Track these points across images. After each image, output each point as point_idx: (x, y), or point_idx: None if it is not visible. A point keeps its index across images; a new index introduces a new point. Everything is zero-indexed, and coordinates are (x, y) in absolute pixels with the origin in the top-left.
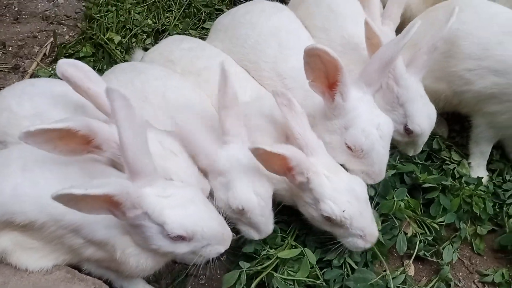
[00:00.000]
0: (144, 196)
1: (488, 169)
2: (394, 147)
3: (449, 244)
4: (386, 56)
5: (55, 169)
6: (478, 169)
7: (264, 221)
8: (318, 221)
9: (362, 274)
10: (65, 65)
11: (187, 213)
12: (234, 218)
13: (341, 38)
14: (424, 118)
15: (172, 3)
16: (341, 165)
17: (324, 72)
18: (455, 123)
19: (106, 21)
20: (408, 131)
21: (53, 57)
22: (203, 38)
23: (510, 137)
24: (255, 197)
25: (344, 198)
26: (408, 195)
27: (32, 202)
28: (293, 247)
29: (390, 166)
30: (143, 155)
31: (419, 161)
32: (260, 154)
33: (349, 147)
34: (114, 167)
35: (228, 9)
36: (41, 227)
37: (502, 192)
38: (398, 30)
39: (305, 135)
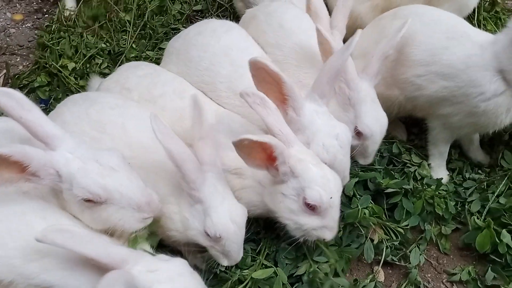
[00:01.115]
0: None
1: (448, 169)
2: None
3: (415, 246)
4: (334, 67)
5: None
6: (439, 169)
7: (237, 249)
8: (296, 214)
9: (333, 285)
10: None
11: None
12: (207, 245)
13: (295, 54)
14: (373, 120)
15: (127, 23)
16: None
17: (274, 85)
18: (413, 126)
19: (59, 48)
20: (358, 134)
21: None
22: (160, 58)
23: (465, 137)
24: (232, 225)
25: (332, 186)
26: (372, 201)
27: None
28: (264, 266)
29: (352, 175)
30: None
31: (380, 167)
32: (244, 146)
33: None
34: (56, 196)
35: (184, 27)
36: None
37: (463, 190)
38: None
39: (284, 130)
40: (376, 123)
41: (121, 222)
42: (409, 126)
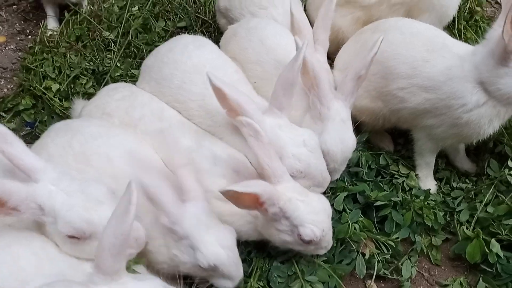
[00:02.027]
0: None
1: (436, 178)
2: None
3: (407, 259)
4: (287, 79)
5: None
6: (426, 179)
7: (235, 269)
8: (292, 244)
9: None
10: None
11: None
12: (205, 275)
13: (275, 70)
14: (335, 139)
15: (110, 42)
16: None
17: (234, 106)
18: (399, 136)
19: (42, 69)
20: None
21: None
22: None
23: (451, 146)
24: (223, 250)
25: (321, 217)
26: (362, 215)
27: None
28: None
29: (341, 189)
30: None
31: (368, 179)
32: (230, 195)
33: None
34: (38, 228)
35: None
36: None
37: (451, 200)
38: (334, 54)
39: (272, 165)
40: (337, 142)
41: None
42: (396, 137)
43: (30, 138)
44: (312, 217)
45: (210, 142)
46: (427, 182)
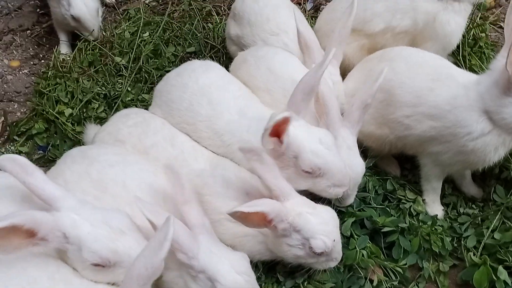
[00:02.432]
0: None
1: (442, 203)
2: None
3: (414, 285)
4: (308, 84)
5: None
6: (433, 204)
7: None
8: (304, 258)
9: None
10: (3, 160)
11: None
12: None
13: (284, 98)
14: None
15: (122, 67)
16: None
17: (272, 131)
18: (406, 161)
19: (55, 94)
20: None
21: (6, 137)
22: None
23: (456, 173)
24: (240, 277)
25: (330, 228)
26: (369, 241)
27: None
28: None
29: (349, 214)
30: None
31: (376, 205)
32: (239, 216)
33: (307, 172)
34: (61, 258)
35: None
36: None
37: (458, 226)
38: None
39: (280, 185)
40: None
41: None
42: (402, 162)
43: (43, 162)
44: (322, 228)
45: (221, 166)
46: (434, 207)
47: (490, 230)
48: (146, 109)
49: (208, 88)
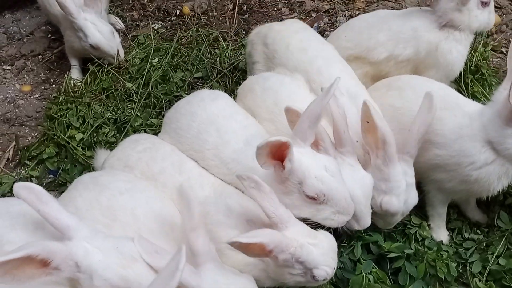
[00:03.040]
0: None
1: (448, 228)
2: None
3: None
4: (314, 112)
5: None
6: (439, 229)
7: None
8: (304, 283)
9: None
10: (19, 188)
11: None
12: None
13: (287, 129)
14: (351, 183)
15: (132, 93)
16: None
17: (272, 153)
18: None
19: (66, 119)
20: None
21: (17, 161)
22: None
23: (460, 199)
24: None
25: (331, 256)
26: (376, 266)
27: None
28: None
29: (357, 238)
30: None
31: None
32: (238, 246)
33: (311, 198)
34: (66, 281)
35: (186, 94)
36: None
37: (464, 251)
38: None
39: (278, 212)
40: (354, 185)
41: None
42: None
43: (54, 186)
44: (324, 258)
45: (225, 194)
46: (440, 232)
47: (495, 256)
48: (155, 133)
49: (216, 117)
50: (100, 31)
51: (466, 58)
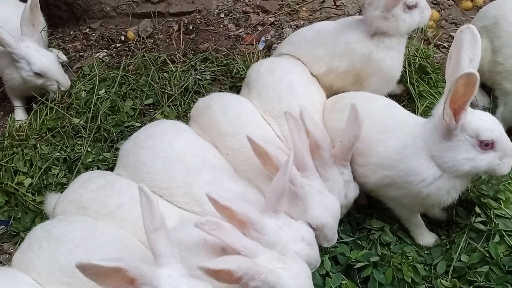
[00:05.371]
0: None
1: (406, 232)
2: None
3: None
4: (279, 186)
5: None
6: (423, 236)
7: None
8: None
9: None
10: None
11: None
12: None
13: (249, 147)
14: (321, 211)
15: (80, 128)
16: None
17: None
18: None
19: (13, 164)
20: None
21: None
22: None
23: (426, 210)
24: None
25: (303, 280)
26: (345, 277)
27: None
28: None
29: (323, 251)
30: None
31: (347, 236)
32: (207, 271)
33: None
34: None
35: (139, 123)
36: None
37: (428, 255)
38: None
39: (244, 244)
40: (325, 213)
41: None
42: None
43: (6, 237)
44: (295, 282)
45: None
46: (425, 238)
47: (457, 253)
48: (109, 169)
49: (183, 154)
50: (45, 56)
51: (411, 58)
